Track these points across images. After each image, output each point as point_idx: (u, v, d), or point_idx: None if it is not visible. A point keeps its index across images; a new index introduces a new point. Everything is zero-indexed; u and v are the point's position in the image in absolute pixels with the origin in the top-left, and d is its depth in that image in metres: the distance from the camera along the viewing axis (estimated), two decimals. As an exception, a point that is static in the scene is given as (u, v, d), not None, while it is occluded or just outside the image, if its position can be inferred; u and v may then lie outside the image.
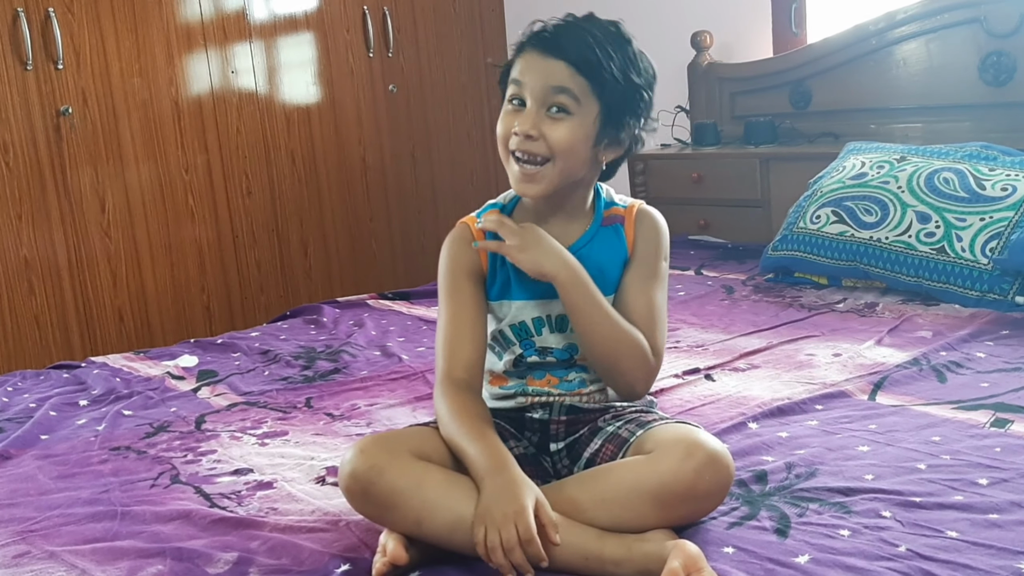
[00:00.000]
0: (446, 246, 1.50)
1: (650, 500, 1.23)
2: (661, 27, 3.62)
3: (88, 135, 3.02)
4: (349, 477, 1.26)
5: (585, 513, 1.25)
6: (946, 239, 2.33)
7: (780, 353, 2.05)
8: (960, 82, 2.89)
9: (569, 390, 1.45)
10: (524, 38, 1.40)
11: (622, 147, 1.43)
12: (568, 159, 1.37)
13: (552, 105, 1.36)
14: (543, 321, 1.44)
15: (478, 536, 1.18)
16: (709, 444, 1.26)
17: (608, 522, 1.24)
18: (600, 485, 1.27)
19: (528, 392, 1.46)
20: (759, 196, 3.13)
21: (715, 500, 1.28)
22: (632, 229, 1.46)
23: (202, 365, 2.25)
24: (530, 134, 1.35)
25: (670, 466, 1.24)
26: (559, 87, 1.35)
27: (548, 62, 1.36)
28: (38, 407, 1.97)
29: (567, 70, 1.35)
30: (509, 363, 1.46)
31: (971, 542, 1.21)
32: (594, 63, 1.35)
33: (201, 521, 1.41)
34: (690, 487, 1.23)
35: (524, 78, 1.37)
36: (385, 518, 1.27)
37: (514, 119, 1.38)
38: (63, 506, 1.49)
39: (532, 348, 1.45)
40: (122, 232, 3.12)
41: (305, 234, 3.58)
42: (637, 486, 1.24)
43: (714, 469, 1.25)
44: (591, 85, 1.35)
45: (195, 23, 3.24)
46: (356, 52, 3.66)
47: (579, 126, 1.36)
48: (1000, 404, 1.67)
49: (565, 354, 1.44)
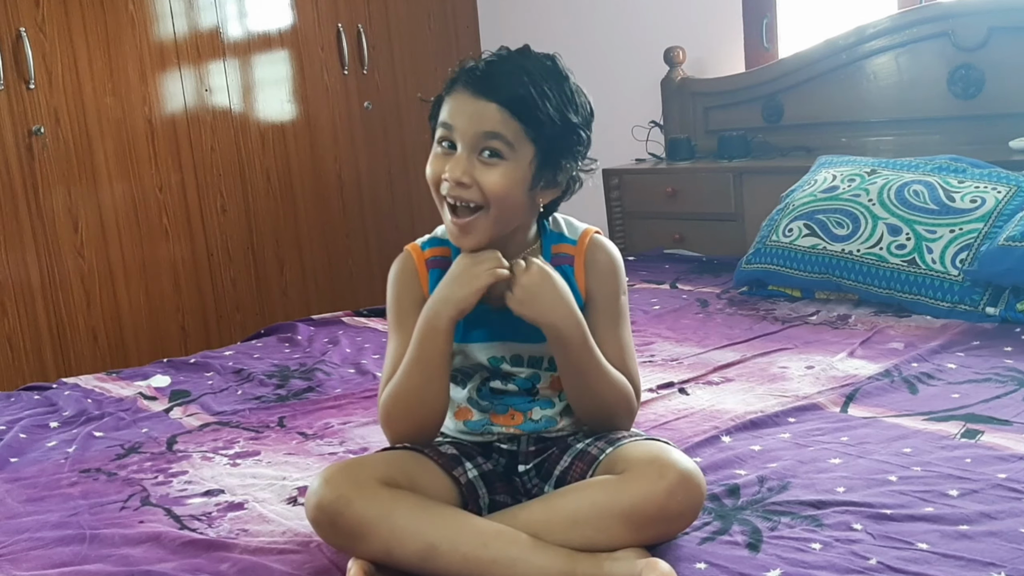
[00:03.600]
0: (392, 277, 1.45)
1: (622, 521, 1.22)
2: (634, 43, 3.66)
3: (61, 155, 3.00)
4: (315, 508, 1.25)
5: (556, 535, 1.24)
6: (917, 251, 2.35)
7: (753, 366, 2.06)
8: (930, 95, 2.92)
9: (534, 431, 1.42)
10: (454, 75, 1.33)
11: (559, 188, 1.37)
12: (502, 206, 1.31)
13: (484, 149, 1.29)
14: (503, 359, 1.41)
15: None
16: (681, 464, 1.25)
17: (579, 543, 1.23)
18: (571, 506, 1.26)
19: (493, 430, 1.43)
20: (733, 210, 3.15)
21: (687, 520, 1.27)
22: (583, 271, 1.41)
23: (175, 385, 2.23)
24: (462, 181, 1.29)
25: (641, 487, 1.23)
26: (491, 132, 1.28)
27: (479, 104, 1.29)
28: (8, 429, 1.95)
29: (499, 113, 1.28)
30: (473, 389, 1.43)
31: (941, 554, 1.21)
32: (529, 104, 1.28)
33: (171, 544, 1.39)
34: (662, 508, 1.22)
35: (454, 121, 1.30)
36: (354, 548, 1.25)
37: (444, 163, 1.31)
38: (31, 530, 1.47)
39: (497, 375, 1.42)
40: (96, 252, 3.10)
41: (281, 252, 3.57)
42: (609, 507, 1.23)
43: (686, 489, 1.24)
44: (525, 128, 1.29)
45: (168, 42, 3.23)
46: (331, 70, 3.66)
47: (513, 171, 1.30)
48: (971, 415, 1.68)
49: (527, 383, 1.42)
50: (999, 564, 1.18)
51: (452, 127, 1.31)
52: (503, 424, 1.42)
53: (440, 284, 1.34)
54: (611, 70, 3.62)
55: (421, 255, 1.44)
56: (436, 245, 1.44)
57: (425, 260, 1.43)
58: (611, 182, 3.43)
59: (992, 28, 2.77)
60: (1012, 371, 1.88)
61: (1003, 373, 1.88)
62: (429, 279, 1.42)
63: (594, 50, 3.68)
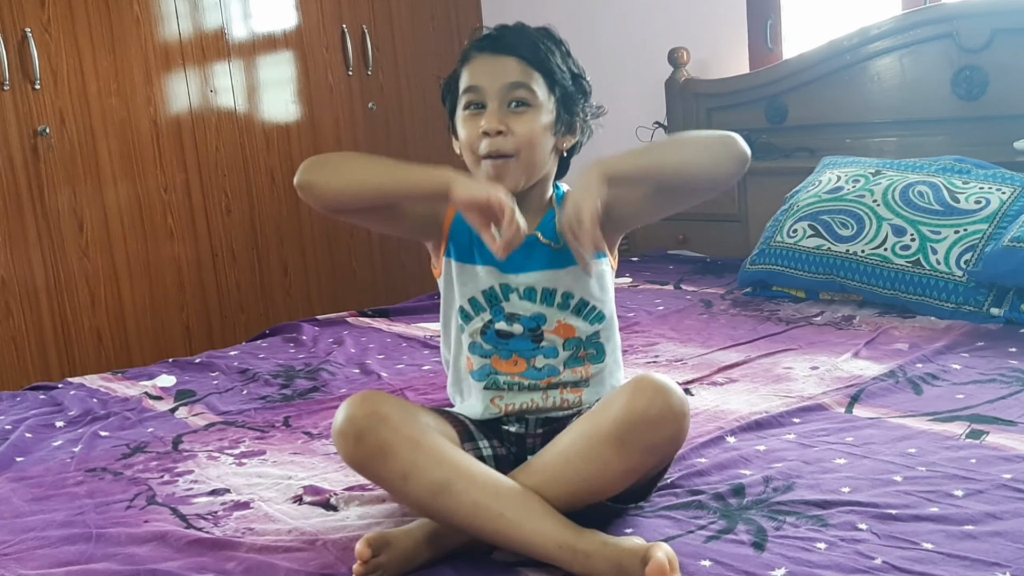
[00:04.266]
0: None
1: (608, 442, 1.26)
2: (638, 44, 3.66)
3: (66, 155, 3.01)
4: (346, 421, 1.27)
5: (556, 481, 1.27)
6: (921, 252, 2.35)
7: (758, 367, 2.06)
8: (933, 96, 2.92)
9: (537, 378, 1.46)
10: (468, 45, 1.46)
11: (575, 135, 1.50)
12: (533, 151, 1.42)
13: (512, 100, 1.41)
14: (511, 288, 1.46)
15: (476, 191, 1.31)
16: (656, 377, 1.29)
17: (575, 480, 1.27)
18: (561, 445, 1.31)
19: (498, 381, 1.47)
20: (737, 211, 3.15)
21: (671, 428, 1.28)
22: None
23: (180, 385, 2.23)
24: (499, 129, 1.40)
25: (622, 402, 1.27)
26: (516, 83, 1.41)
27: (500, 60, 1.42)
28: (14, 429, 1.95)
29: (519, 65, 1.42)
30: (477, 332, 1.47)
31: (946, 554, 1.22)
32: (542, 55, 1.42)
33: (176, 543, 1.39)
34: (642, 415, 1.25)
35: (480, 81, 1.43)
36: (372, 467, 1.27)
37: (476, 122, 1.42)
38: (37, 529, 1.48)
39: (501, 314, 1.46)
40: (100, 252, 3.10)
41: (285, 252, 3.57)
42: (595, 431, 1.28)
43: (663, 395, 1.26)
44: (543, 77, 1.42)
45: (174, 42, 3.24)
46: (335, 70, 3.67)
47: (540, 117, 1.42)
48: (975, 415, 1.68)
49: (532, 323, 1.46)
50: (1004, 564, 1.18)
51: (479, 88, 1.43)
52: (506, 371, 1.46)
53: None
54: (615, 71, 3.63)
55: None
56: None
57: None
58: (615, 183, 3.43)
59: (996, 30, 2.77)
60: (1017, 372, 1.88)
61: (1008, 374, 1.88)
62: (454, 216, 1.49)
63: (598, 51, 3.68)
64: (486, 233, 1.33)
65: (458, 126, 1.47)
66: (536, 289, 1.45)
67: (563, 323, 1.46)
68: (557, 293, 1.45)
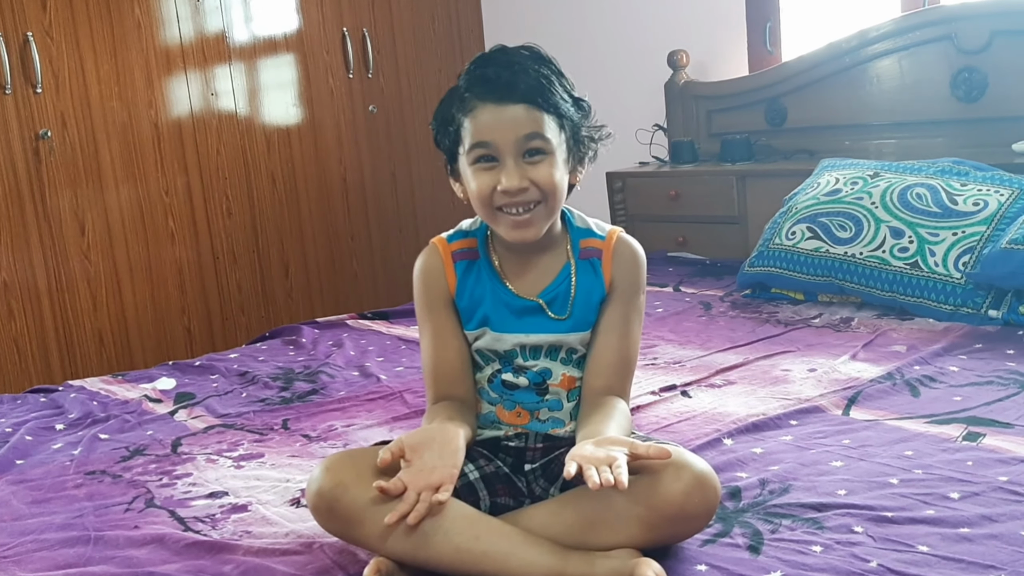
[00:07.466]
0: (417, 271, 1.50)
1: (638, 523, 1.23)
2: (638, 46, 3.66)
3: (67, 158, 3.02)
4: (315, 495, 1.28)
5: (573, 537, 1.25)
6: (919, 254, 2.35)
7: (756, 369, 2.06)
8: (932, 98, 2.92)
9: (540, 431, 1.45)
10: (466, 90, 1.36)
11: (584, 165, 1.45)
12: (556, 196, 1.37)
13: (527, 151, 1.34)
14: (520, 346, 1.44)
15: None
16: (696, 465, 1.25)
17: (595, 544, 1.24)
18: (587, 507, 1.26)
19: (499, 426, 1.46)
20: (736, 213, 3.16)
21: (702, 521, 1.27)
22: (609, 265, 1.44)
23: (180, 388, 2.24)
24: (522, 187, 1.33)
25: (657, 489, 1.22)
26: (530, 134, 1.33)
27: (507, 110, 1.33)
28: (14, 431, 1.96)
29: (528, 112, 1.33)
30: (485, 379, 1.46)
31: (942, 556, 1.22)
32: (545, 92, 1.34)
33: (175, 545, 1.40)
34: (679, 508, 1.22)
35: (491, 137, 1.33)
36: (350, 534, 1.28)
37: (490, 177, 1.35)
38: (36, 531, 1.48)
39: (509, 366, 1.45)
40: (102, 255, 3.11)
41: (286, 254, 3.58)
42: (627, 510, 1.23)
43: (702, 490, 1.23)
44: (551, 116, 1.34)
45: (175, 46, 3.25)
46: (336, 73, 3.67)
47: (556, 160, 1.36)
48: (972, 418, 1.69)
49: (538, 377, 1.44)
50: (999, 567, 1.18)
51: (490, 143, 1.34)
52: (508, 422, 1.45)
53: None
54: (614, 73, 3.63)
55: (447, 247, 1.47)
56: (462, 238, 1.48)
57: (452, 252, 1.46)
58: (614, 185, 3.44)
59: (994, 31, 2.77)
60: (1014, 374, 1.89)
61: (1005, 376, 1.88)
62: (456, 272, 1.45)
63: (598, 53, 3.69)
64: (411, 494, 1.24)
65: (466, 176, 1.39)
66: (542, 347, 1.43)
67: (567, 375, 1.44)
68: (562, 349, 1.44)
